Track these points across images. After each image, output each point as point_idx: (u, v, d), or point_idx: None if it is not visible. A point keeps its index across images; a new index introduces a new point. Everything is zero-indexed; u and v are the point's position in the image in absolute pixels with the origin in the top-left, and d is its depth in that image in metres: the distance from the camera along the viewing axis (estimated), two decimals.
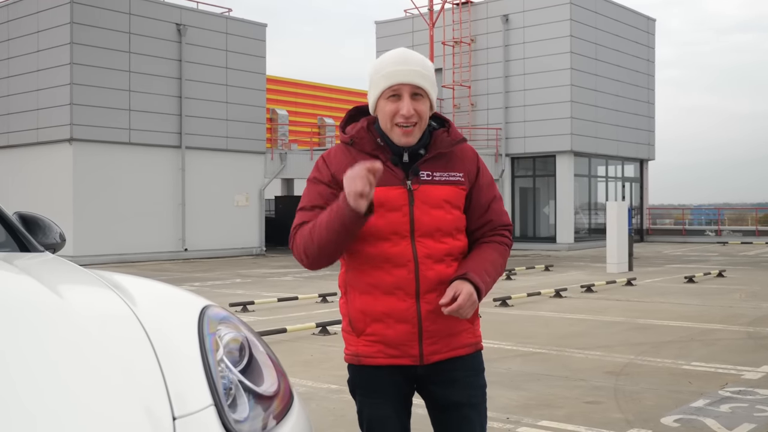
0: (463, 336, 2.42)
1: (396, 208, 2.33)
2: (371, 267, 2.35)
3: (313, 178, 2.44)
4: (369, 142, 2.40)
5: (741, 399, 5.57)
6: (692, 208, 40.19)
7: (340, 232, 2.24)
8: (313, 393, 5.86)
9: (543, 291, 12.64)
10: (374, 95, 2.38)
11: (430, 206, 2.35)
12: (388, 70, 2.34)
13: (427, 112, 2.38)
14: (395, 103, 2.33)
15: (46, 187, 21.74)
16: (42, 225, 3.01)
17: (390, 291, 2.34)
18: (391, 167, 2.36)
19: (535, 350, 7.69)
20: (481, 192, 2.46)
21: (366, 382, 2.45)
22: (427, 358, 2.37)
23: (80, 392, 1.53)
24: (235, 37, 25.19)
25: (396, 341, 2.36)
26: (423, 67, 2.36)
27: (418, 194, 2.35)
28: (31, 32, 22.51)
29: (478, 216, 2.46)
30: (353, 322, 2.42)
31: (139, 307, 1.88)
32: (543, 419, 5.11)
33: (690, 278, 14.81)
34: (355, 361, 2.44)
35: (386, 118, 2.35)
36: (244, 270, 18.97)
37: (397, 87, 2.33)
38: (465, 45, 28.96)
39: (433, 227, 2.34)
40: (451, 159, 2.43)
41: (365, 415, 2.48)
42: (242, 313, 10.54)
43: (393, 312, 2.34)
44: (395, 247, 2.33)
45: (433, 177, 2.38)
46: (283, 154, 26.34)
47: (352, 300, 2.42)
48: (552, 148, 27.18)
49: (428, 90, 2.35)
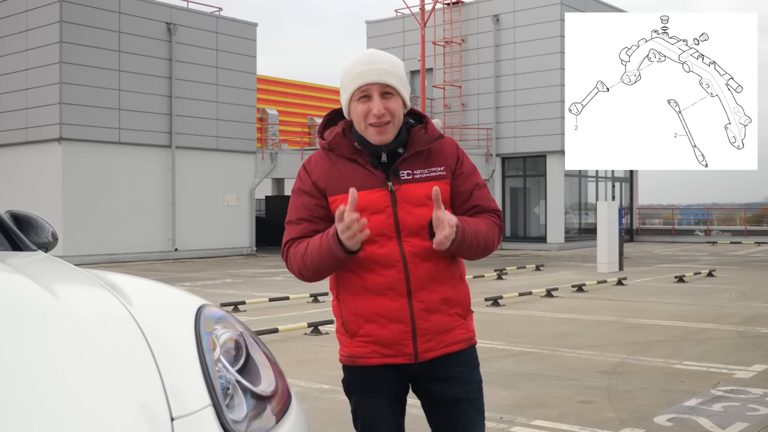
0: (456, 332, 2.42)
1: (379, 210, 2.34)
2: (361, 269, 2.36)
3: (297, 189, 2.46)
4: (346, 147, 2.40)
5: (733, 398, 5.59)
6: (681, 208, 40.33)
7: (332, 265, 2.32)
8: (305, 393, 5.85)
9: (534, 291, 12.66)
10: (346, 98, 2.38)
11: (413, 205, 2.35)
12: (355, 71, 2.35)
13: (400, 109, 2.37)
14: (366, 103, 2.34)
15: (35, 186, 21.61)
16: (34, 224, 2.98)
17: (381, 292, 2.35)
18: (371, 170, 2.37)
19: (527, 350, 7.70)
20: (462, 180, 2.45)
21: (361, 382, 2.45)
22: (422, 356, 2.37)
23: (77, 393, 1.51)
24: (225, 37, 25.12)
25: (390, 341, 2.36)
26: (391, 65, 2.36)
27: (400, 194, 2.35)
28: (20, 31, 22.37)
29: (461, 203, 2.45)
30: (346, 324, 2.43)
31: (135, 307, 1.86)
32: (536, 419, 5.11)
33: (680, 278, 14.86)
34: (350, 362, 2.44)
35: (359, 119, 2.36)
36: (234, 270, 18.91)
37: (365, 87, 2.33)
38: (456, 45, 28.98)
39: (418, 226, 2.34)
40: (431, 155, 2.42)
41: (360, 414, 2.48)
42: (233, 313, 10.51)
43: (386, 312, 2.35)
44: (382, 249, 2.34)
45: (414, 175, 2.38)
46: (273, 153, 26.29)
47: (344, 302, 2.43)
48: (542, 148, 27.22)
49: (398, 87, 2.35)
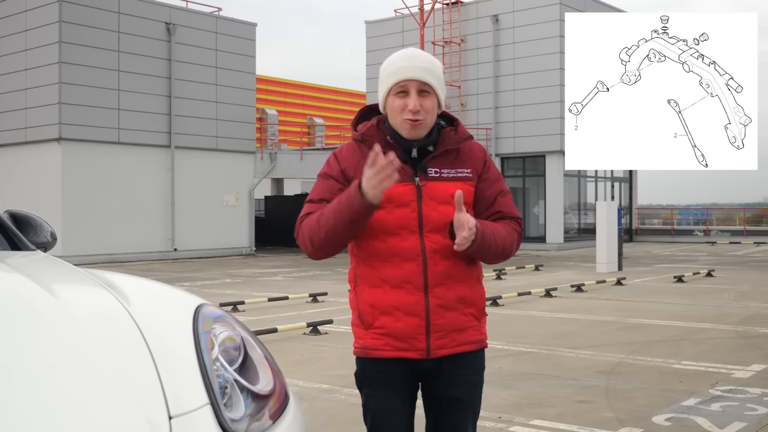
0: (469, 332, 2.46)
1: (404, 204, 2.39)
2: (380, 261, 2.41)
3: (323, 173, 2.51)
4: (379, 139, 2.46)
5: (731, 398, 5.59)
6: (680, 209, 40.33)
7: (347, 220, 2.30)
8: (304, 393, 5.85)
9: (533, 291, 12.66)
10: (383, 92, 2.45)
11: (438, 202, 2.40)
12: (395, 67, 2.42)
13: (434, 108, 2.43)
14: (403, 99, 2.40)
15: (34, 186, 21.61)
16: (33, 224, 2.99)
17: (399, 284, 2.39)
18: (401, 164, 2.40)
19: (526, 349, 7.70)
20: (488, 185, 2.51)
21: (373, 374, 2.48)
22: (434, 352, 2.41)
23: (75, 391, 1.52)
24: (224, 37, 25.12)
25: (404, 334, 2.40)
26: (430, 64, 2.42)
27: (426, 190, 2.41)
28: (20, 31, 22.37)
29: (485, 208, 2.51)
30: (362, 315, 2.46)
31: (134, 306, 1.86)
32: (535, 418, 5.12)
33: (679, 278, 14.87)
34: (363, 353, 2.47)
35: (394, 114, 2.42)
36: (233, 270, 18.91)
37: (404, 83, 2.39)
38: (455, 45, 28.99)
39: (440, 223, 2.39)
40: (459, 156, 2.49)
41: (370, 407, 2.50)
42: (232, 313, 10.51)
43: (402, 305, 2.39)
44: (404, 242, 2.39)
45: (441, 173, 2.43)
46: (272, 153, 26.29)
47: (361, 293, 2.47)
48: (542, 148, 27.23)
49: (435, 87, 2.41)
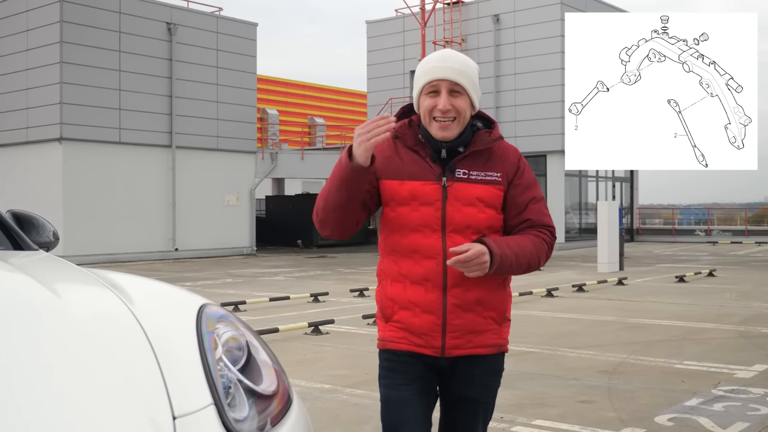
0: (487, 335, 2.46)
1: (429, 203, 2.41)
2: (402, 256, 2.44)
3: None
4: (410, 137, 2.48)
5: (734, 398, 5.59)
6: (682, 208, 40.30)
7: (339, 182, 2.34)
8: (306, 393, 5.84)
9: (534, 290, 12.66)
10: (416, 91, 2.48)
11: (463, 204, 2.41)
12: (428, 66, 2.44)
13: (467, 109, 2.44)
14: (434, 98, 2.42)
15: (35, 186, 21.61)
16: (36, 223, 2.99)
17: (418, 281, 2.42)
18: (430, 163, 2.44)
19: (528, 349, 7.70)
20: (520, 192, 2.49)
21: (390, 364, 2.50)
22: (449, 351, 2.43)
23: (78, 392, 1.51)
24: (225, 36, 25.12)
25: (420, 330, 2.42)
26: (463, 66, 2.43)
27: (451, 191, 2.42)
28: (21, 31, 22.37)
29: (515, 214, 2.49)
30: (383, 309, 2.51)
31: (137, 306, 1.86)
32: (537, 418, 5.11)
33: (681, 278, 14.86)
34: (381, 345, 2.52)
35: (425, 113, 2.44)
36: (235, 270, 18.91)
37: (435, 83, 2.41)
38: (456, 45, 28.98)
39: (463, 224, 2.40)
40: (491, 158, 2.48)
41: (384, 396, 2.53)
42: (234, 313, 10.49)
43: (420, 302, 2.42)
44: (426, 240, 2.41)
45: (470, 175, 2.44)
46: (273, 153, 26.29)
47: (384, 287, 2.51)
48: (543, 147, 27.21)
49: (467, 87, 2.42)
